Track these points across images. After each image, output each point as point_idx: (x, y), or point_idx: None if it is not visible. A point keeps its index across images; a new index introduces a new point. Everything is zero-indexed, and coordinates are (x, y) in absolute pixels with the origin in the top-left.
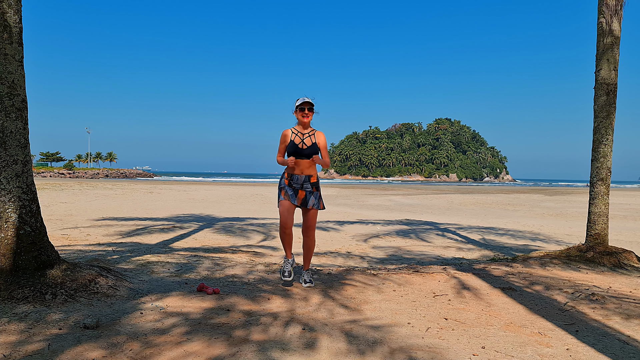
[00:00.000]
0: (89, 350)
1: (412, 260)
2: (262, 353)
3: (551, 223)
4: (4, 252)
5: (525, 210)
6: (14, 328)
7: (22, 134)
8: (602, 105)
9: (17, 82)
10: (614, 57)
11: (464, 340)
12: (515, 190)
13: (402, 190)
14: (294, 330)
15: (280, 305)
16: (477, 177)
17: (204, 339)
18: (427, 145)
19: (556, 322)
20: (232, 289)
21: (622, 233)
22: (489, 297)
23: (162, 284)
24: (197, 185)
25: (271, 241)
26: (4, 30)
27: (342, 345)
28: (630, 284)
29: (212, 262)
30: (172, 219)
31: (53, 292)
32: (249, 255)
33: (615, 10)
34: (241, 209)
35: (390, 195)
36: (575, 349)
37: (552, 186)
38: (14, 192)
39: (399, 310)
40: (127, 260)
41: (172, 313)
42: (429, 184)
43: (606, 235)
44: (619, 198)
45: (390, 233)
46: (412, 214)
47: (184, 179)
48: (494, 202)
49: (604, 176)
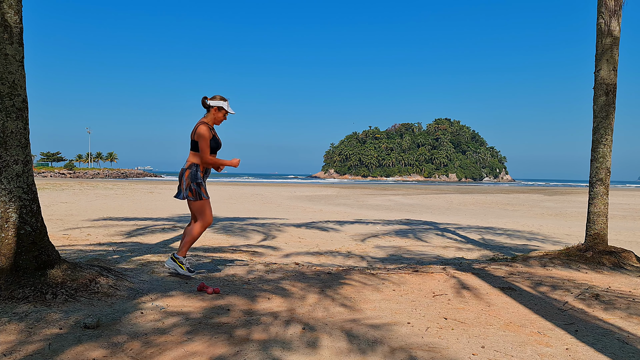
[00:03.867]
0: (90, 350)
1: (411, 260)
2: (263, 352)
3: (551, 223)
4: (5, 251)
5: (525, 210)
6: (14, 328)
7: (23, 134)
8: (601, 105)
9: (17, 82)
10: (614, 57)
11: (464, 339)
12: (514, 190)
13: (401, 190)
14: (295, 329)
15: (280, 305)
16: (477, 177)
17: (205, 339)
18: (427, 145)
19: (556, 321)
20: (232, 289)
21: (622, 233)
22: (489, 297)
23: (162, 283)
24: None
25: (271, 241)
26: (4, 30)
27: (343, 345)
28: (629, 284)
29: (212, 262)
30: (173, 219)
31: (53, 292)
32: (248, 255)
33: (614, 10)
34: (241, 209)
35: (390, 195)
36: (575, 348)
37: (552, 186)
38: (14, 192)
39: (398, 310)
40: (127, 260)
41: (173, 313)
42: (428, 184)
43: (605, 235)
44: (619, 198)
45: (390, 233)
46: (411, 214)
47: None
48: (493, 202)
49: (603, 176)
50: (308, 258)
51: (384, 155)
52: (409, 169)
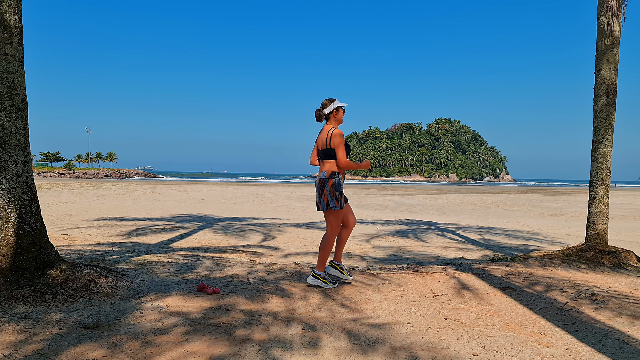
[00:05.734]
0: (89, 350)
1: (411, 260)
2: (263, 352)
3: (551, 223)
4: (4, 252)
5: (525, 210)
6: (13, 328)
7: (22, 134)
8: (602, 105)
9: (17, 82)
10: (614, 57)
11: (464, 340)
12: (515, 190)
13: (402, 190)
14: (295, 329)
15: (280, 305)
16: (477, 177)
17: (204, 339)
18: (427, 145)
19: (556, 322)
20: (232, 289)
21: (622, 233)
22: (489, 297)
23: (162, 283)
24: (197, 185)
25: (271, 241)
26: (4, 30)
27: (344, 344)
28: (630, 284)
29: (211, 262)
30: (172, 219)
31: (53, 292)
32: (248, 255)
33: (615, 10)
34: (241, 209)
35: (390, 195)
36: (575, 348)
37: (552, 186)
38: (14, 192)
39: (398, 310)
40: (127, 260)
41: (172, 313)
42: (428, 184)
43: (606, 235)
44: (619, 198)
45: (390, 233)
46: (411, 214)
47: (187, 179)
48: (493, 202)
49: (603, 176)
50: (308, 258)
51: (384, 155)
52: (409, 169)
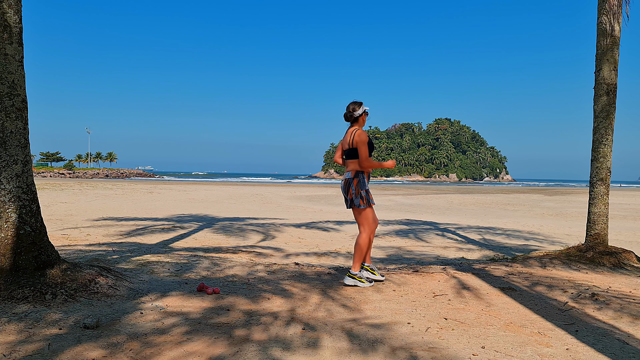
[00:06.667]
0: (89, 350)
1: (412, 260)
2: (263, 352)
3: (551, 223)
4: (4, 252)
5: (525, 210)
6: (13, 328)
7: (22, 134)
8: (602, 105)
9: (17, 82)
10: (614, 57)
11: (464, 340)
12: (515, 190)
13: (402, 190)
14: (295, 329)
15: (281, 305)
16: (477, 177)
17: (204, 339)
18: (427, 145)
19: (556, 322)
20: (232, 289)
21: (622, 233)
22: (489, 297)
23: (162, 283)
24: (197, 185)
25: (271, 241)
26: (4, 30)
27: (344, 344)
28: (630, 284)
29: (211, 262)
30: (172, 219)
31: (53, 292)
32: (248, 255)
33: (615, 10)
34: (241, 209)
35: (390, 195)
36: (575, 348)
37: (552, 186)
38: (14, 192)
39: (398, 310)
40: (127, 260)
41: (172, 313)
42: (428, 184)
43: (606, 235)
44: (619, 198)
45: (390, 233)
46: (412, 214)
47: (187, 179)
48: (493, 202)
49: (603, 176)
50: (308, 258)
51: (384, 155)
52: (409, 169)
